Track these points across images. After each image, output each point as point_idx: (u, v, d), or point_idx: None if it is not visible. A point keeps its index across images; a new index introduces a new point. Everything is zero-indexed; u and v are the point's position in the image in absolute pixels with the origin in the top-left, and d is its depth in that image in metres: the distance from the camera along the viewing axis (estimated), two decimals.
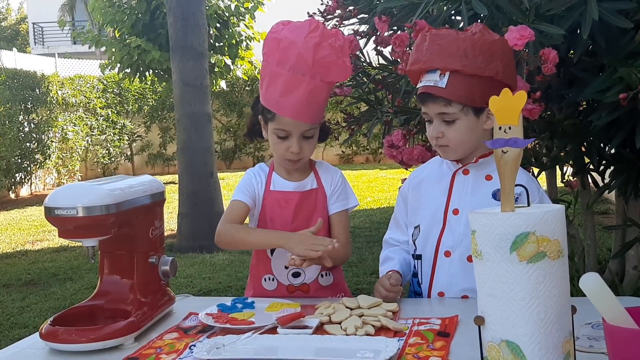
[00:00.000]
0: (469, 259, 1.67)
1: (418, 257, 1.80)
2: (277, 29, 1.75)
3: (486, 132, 1.69)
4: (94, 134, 14.21)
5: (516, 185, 1.11)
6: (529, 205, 1.13)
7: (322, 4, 2.84)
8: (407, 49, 2.31)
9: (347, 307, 1.58)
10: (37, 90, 12.32)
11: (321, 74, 1.71)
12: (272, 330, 1.48)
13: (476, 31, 1.64)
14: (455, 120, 1.66)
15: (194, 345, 1.42)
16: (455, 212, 1.73)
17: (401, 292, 1.72)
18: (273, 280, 1.89)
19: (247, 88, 15.30)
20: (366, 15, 2.80)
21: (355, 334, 1.43)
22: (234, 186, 10.04)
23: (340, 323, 1.50)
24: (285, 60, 1.70)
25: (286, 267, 1.85)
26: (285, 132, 1.79)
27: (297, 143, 1.79)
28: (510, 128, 1.11)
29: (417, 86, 1.71)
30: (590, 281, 0.99)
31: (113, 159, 14.77)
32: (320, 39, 1.70)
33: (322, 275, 1.90)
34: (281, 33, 1.72)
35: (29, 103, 11.99)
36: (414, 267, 1.81)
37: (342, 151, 15.15)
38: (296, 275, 1.86)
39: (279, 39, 1.72)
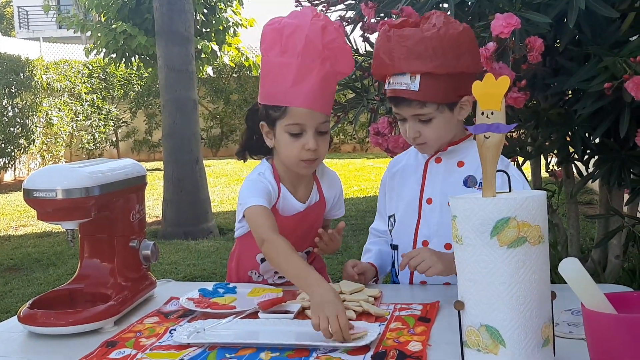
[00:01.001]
0: (447, 246, 1.67)
1: (395, 247, 1.80)
2: (275, 21, 1.67)
3: (459, 122, 1.71)
4: (78, 119, 14.07)
5: (498, 170, 1.11)
6: (510, 190, 1.13)
7: None
8: None
9: None
10: (21, 74, 12.16)
11: (330, 60, 1.62)
12: (253, 315, 1.48)
13: (440, 25, 1.57)
14: (431, 119, 1.64)
15: (174, 330, 1.41)
16: (429, 201, 1.73)
17: (363, 282, 1.69)
18: (259, 277, 1.86)
19: (234, 75, 15.21)
20: (353, 2, 2.78)
21: None
22: (220, 174, 9.98)
23: None
24: (293, 47, 1.60)
25: (275, 272, 1.82)
26: (299, 126, 1.64)
27: (313, 138, 1.64)
28: (492, 113, 1.10)
29: (386, 87, 1.67)
30: (570, 266, 0.99)
31: (98, 144, 14.65)
32: (325, 23, 1.62)
33: None
34: (282, 22, 1.64)
35: (13, 87, 11.83)
36: (392, 257, 1.81)
37: None
38: (282, 276, 1.80)
39: (281, 29, 1.63)
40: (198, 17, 10.27)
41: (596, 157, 2.65)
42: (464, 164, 1.70)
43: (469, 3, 2.16)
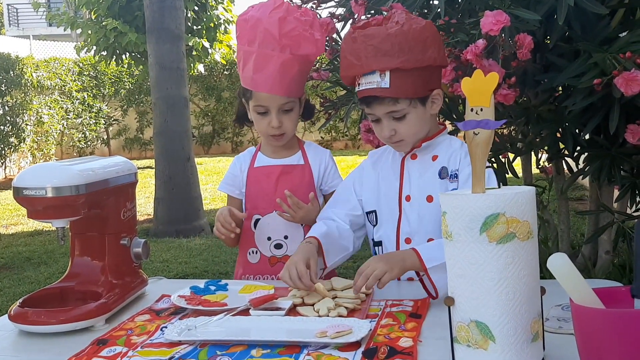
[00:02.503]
0: (430, 241, 1.68)
1: (378, 243, 1.80)
2: (245, 12, 1.84)
3: (433, 117, 1.72)
4: (69, 117, 14.00)
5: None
6: (499, 187, 1.13)
7: None
8: None
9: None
10: (11, 72, 12.08)
11: (290, 47, 1.79)
12: (245, 312, 1.48)
13: (403, 21, 1.60)
14: (405, 115, 1.65)
15: (166, 327, 1.41)
16: (408, 198, 1.74)
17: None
18: (256, 253, 1.93)
19: (225, 72, 15.17)
20: None
21: (328, 316, 1.43)
22: (211, 171, 9.94)
23: (313, 305, 1.50)
24: (254, 38, 1.79)
25: (269, 239, 1.90)
26: (263, 107, 1.86)
27: (276, 117, 1.85)
28: (482, 110, 1.11)
29: (357, 90, 1.68)
30: (558, 262, 1.00)
31: (89, 142, 14.59)
32: (285, 14, 1.78)
33: None
34: (248, 14, 1.82)
35: (2, 85, 11.76)
36: (375, 253, 1.81)
37: (322, 137, 15.13)
38: (278, 246, 1.91)
39: (247, 19, 1.81)
40: (189, 14, 10.23)
41: (586, 153, 2.66)
42: (437, 157, 1.72)
43: (459, 0, 2.16)
